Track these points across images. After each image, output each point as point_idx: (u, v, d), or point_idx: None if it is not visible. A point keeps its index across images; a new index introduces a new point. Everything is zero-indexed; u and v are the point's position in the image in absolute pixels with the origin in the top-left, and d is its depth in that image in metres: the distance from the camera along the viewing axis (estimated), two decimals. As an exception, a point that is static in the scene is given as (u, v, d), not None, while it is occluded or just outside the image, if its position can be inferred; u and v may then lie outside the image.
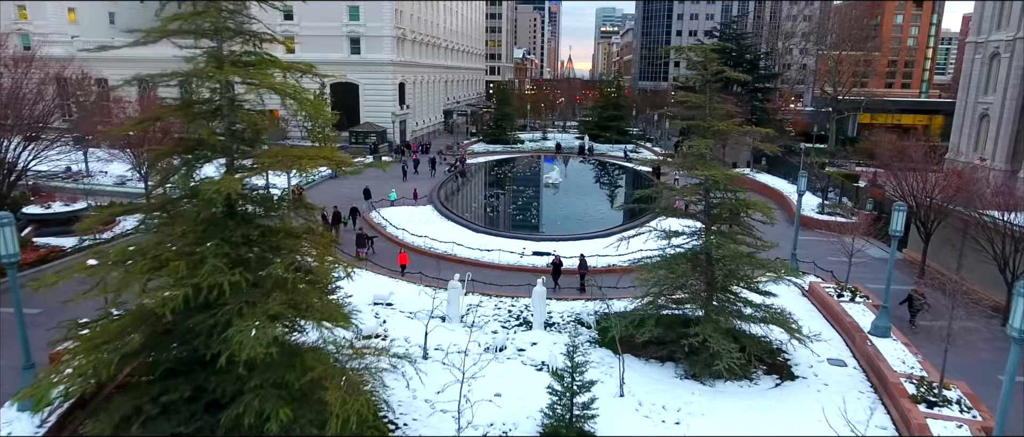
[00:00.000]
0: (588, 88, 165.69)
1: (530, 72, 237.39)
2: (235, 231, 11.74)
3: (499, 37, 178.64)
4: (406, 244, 35.11)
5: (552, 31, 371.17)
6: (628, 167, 70.66)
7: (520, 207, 50.15)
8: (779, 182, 55.97)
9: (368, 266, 30.53)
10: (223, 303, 10.80)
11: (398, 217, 40.49)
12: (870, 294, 27.04)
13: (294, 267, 11.61)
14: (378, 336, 22.00)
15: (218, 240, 11.29)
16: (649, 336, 20.04)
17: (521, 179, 64.87)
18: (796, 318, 20.89)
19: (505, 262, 32.32)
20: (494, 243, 35.00)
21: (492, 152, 79.95)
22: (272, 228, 12.86)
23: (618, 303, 25.47)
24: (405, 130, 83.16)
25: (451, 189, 55.09)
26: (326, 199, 45.02)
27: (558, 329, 23.64)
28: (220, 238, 11.39)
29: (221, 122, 12.53)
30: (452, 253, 33.42)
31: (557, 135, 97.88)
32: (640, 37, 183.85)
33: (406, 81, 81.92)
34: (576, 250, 34.30)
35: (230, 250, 11.32)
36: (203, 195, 10.75)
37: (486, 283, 28.21)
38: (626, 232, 39.73)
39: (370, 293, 25.76)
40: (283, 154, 12.30)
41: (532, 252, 33.96)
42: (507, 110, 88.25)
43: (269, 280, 11.65)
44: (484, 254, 32.85)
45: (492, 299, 26.86)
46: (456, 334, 21.71)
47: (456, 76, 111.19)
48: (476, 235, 37.40)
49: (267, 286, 11.59)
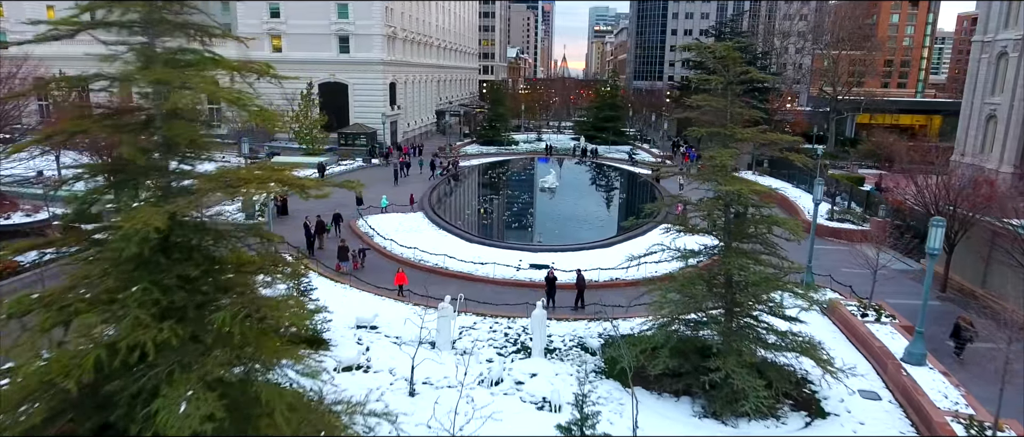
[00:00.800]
0: (583, 87, 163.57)
1: (524, 72, 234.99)
2: (170, 270, 9.46)
3: (492, 36, 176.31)
4: (395, 256, 32.83)
5: (545, 30, 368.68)
6: (627, 170, 68.49)
7: (515, 214, 47.92)
8: (783, 186, 53.93)
9: (353, 282, 28.25)
10: (151, 364, 8.54)
11: (387, 226, 38.18)
12: (896, 313, 24.97)
13: (245, 314, 9.32)
14: (359, 367, 19.71)
15: (147, 283, 9.01)
16: (664, 368, 17.88)
17: (516, 183, 62.69)
18: (824, 346, 18.76)
19: (500, 276, 30.08)
20: (488, 255, 32.77)
21: (486, 154, 77.67)
22: (221, 261, 10.56)
23: (625, 324, 23.31)
24: (396, 131, 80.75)
25: (443, 194, 52.81)
26: (312, 206, 42.77)
27: (560, 356, 21.44)
28: (150, 280, 9.11)
29: (153, 135, 10.18)
30: (443, 267, 31.16)
31: (553, 136, 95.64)
32: (635, 36, 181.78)
33: (397, 81, 79.52)
34: (576, 262, 32.10)
35: (161, 296, 9.05)
36: (119, 232, 8.45)
37: (480, 302, 25.96)
38: (631, 240, 37.80)
39: (353, 314, 23.50)
40: (223, 177, 9.98)
41: (529, 265, 31.73)
42: (501, 110, 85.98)
43: (212, 332, 9.36)
44: (477, 267, 30.60)
45: (487, 320, 24.63)
46: (447, 365, 19.47)
47: (449, 76, 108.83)
48: (469, 246, 35.13)
49: (208, 340, 9.32)
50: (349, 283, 28.00)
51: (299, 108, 66.57)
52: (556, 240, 38.17)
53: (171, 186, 10.19)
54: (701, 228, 19.52)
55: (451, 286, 28.92)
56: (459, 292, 27.32)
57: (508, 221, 45.68)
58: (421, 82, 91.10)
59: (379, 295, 26.80)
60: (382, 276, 29.95)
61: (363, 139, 71.40)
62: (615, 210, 50.33)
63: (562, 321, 24.74)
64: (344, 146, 70.74)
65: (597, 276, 30.10)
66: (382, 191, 47.28)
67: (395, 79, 78.80)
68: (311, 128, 66.99)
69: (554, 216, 45.78)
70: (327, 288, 27.07)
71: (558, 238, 38.84)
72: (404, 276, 27.89)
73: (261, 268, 11.41)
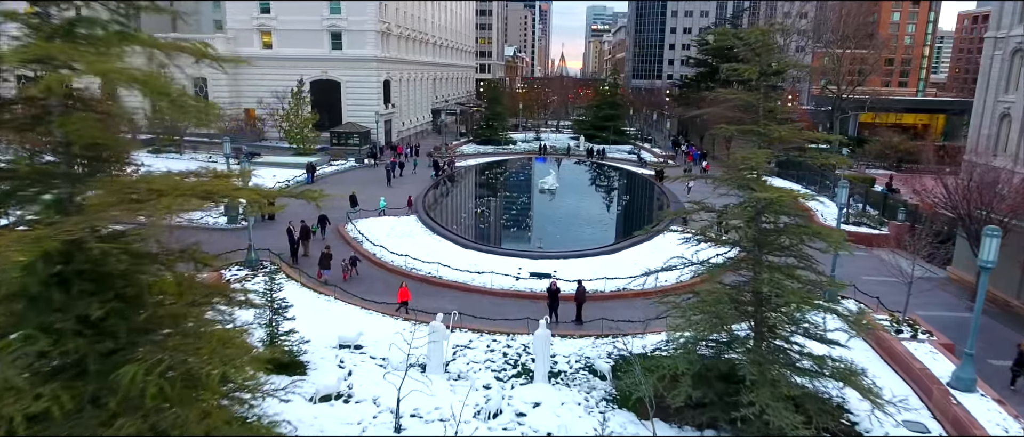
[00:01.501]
0: (581, 86, 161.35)
1: (521, 70, 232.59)
2: (68, 309, 7.18)
3: (489, 34, 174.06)
4: (386, 265, 30.51)
5: (543, 29, 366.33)
6: (628, 170, 66.21)
7: (514, 217, 45.60)
8: (794, 188, 51.64)
9: (338, 294, 25.92)
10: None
11: (377, 230, 35.88)
12: (932, 328, 22.78)
13: (166, 366, 7.04)
14: (340, 396, 17.41)
15: (31, 329, 6.73)
16: (686, 399, 15.62)
17: (514, 184, 60.44)
18: (867, 372, 16.52)
19: (498, 287, 27.80)
20: (485, 262, 30.51)
21: (483, 154, 75.40)
22: (137, 294, 8.22)
23: (637, 342, 21.08)
24: (391, 130, 78.42)
25: (438, 196, 50.52)
26: (297, 211, 40.44)
27: (565, 380, 19.16)
28: (37, 325, 6.83)
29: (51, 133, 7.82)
30: (437, 276, 28.86)
31: (552, 135, 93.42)
32: (633, 35, 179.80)
33: (392, 78, 77.17)
34: (580, 270, 29.87)
35: (50, 346, 6.77)
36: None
37: (476, 317, 23.64)
38: (639, 245, 35.54)
39: (335, 332, 21.18)
40: (129, 189, 7.60)
41: (529, 274, 29.48)
42: (498, 109, 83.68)
43: (115, 394, 7.07)
44: (474, 277, 28.32)
45: (484, 337, 22.35)
46: (439, 394, 17.21)
47: (445, 74, 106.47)
48: (465, 252, 32.85)
49: (112, 405, 7.04)
50: (334, 295, 25.69)
51: (289, 106, 64.16)
52: (557, 245, 35.89)
53: (68, 200, 7.82)
54: (727, 239, 17.28)
55: (445, 298, 26.67)
56: (453, 305, 25.07)
57: (506, 225, 43.40)
58: (416, 80, 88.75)
59: (366, 309, 24.47)
60: (372, 287, 27.66)
61: (356, 138, 69.03)
62: (619, 213, 48.05)
63: (566, 338, 22.48)
64: (336, 146, 68.39)
65: (603, 286, 27.84)
66: (375, 193, 45.01)
67: (389, 77, 76.46)
68: (302, 127, 64.58)
69: (555, 219, 43.53)
70: (308, 302, 24.76)
71: (560, 243, 36.56)
72: (408, 291, 25.03)
73: (203, 303, 9.09)
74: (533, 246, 35.76)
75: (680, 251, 31.07)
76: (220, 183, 8.09)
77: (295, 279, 27.43)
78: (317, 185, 51.34)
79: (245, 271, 28.13)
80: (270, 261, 29.49)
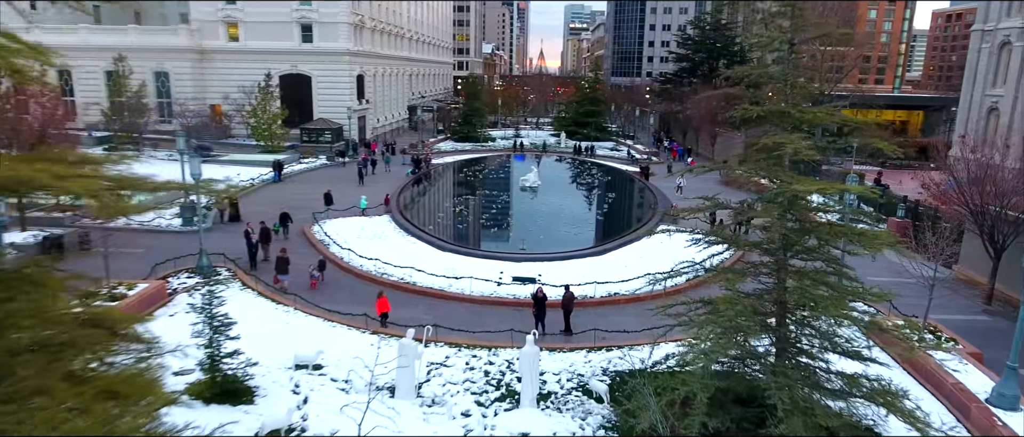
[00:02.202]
0: (560, 84, 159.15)
1: (499, 68, 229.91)
2: None
3: (467, 31, 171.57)
4: (354, 270, 27.78)
5: (521, 27, 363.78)
6: (611, 167, 64.03)
7: (494, 217, 43.03)
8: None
9: (298, 305, 23.14)
10: None
11: (346, 232, 33.11)
12: (956, 336, 20.73)
13: None
14: (291, 431, 14.71)
15: None
16: (701, 428, 13.24)
17: (494, 182, 57.86)
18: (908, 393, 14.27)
19: (478, 293, 25.23)
20: (464, 266, 27.95)
21: (461, 151, 72.76)
22: None
23: (635, 355, 18.72)
24: (365, 127, 75.38)
25: (414, 195, 47.82)
26: (262, 210, 37.55)
27: (557, 404, 16.69)
28: None
29: None
30: (409, 281, 26.21)
31: (532, 132, 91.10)
32: (612, 32, 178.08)
33: (365, 73, 74.16)
34: (567, 273, 27.47)
35: None
36: None
37: (453, 329, 21.04)
38: (628, 246, 33.25)
39: (292, 350, 18.45)
40: None
41: (512, 278, 26.97)
42: (477, 105, 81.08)
43: None
44: (451, 283, 25.71)
45: (462, 353, 19.80)
46: (409, 425, 14.62)
47: (422, 70, 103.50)
48: (442, 255, 30.25)
49: None
50: (294, 306, 22.92)
51: (256, 101, 60.91)
52: (541, 247, 33.42)
53: None
54: (749, 243, 14.97)
55: (419, 306, 24.06)
56: (428, 314, 22.50)
57: (486, 225, 40.78)
58: (392, 75, 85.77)
59: (330, 321, 21.75)
60: (336, 295, 24.92)
61: (328, 135, 66.01)
62: (605, 212, 45.59)
63: (556, 352, 20.02)
64: (307, 143, 65.27)
65: (592, 291, 25.43)
66: (349, 191, 42.32)
67: (363, 71, 73.46)
68: (270, 123, 61.36)
69: (537, 219, 41.05)
70: (265, 313, 22.01)
71: (543, 244, 34.10)
72: (387, 302, 22.00)
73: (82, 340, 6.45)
74: (515, 247, 33.23)
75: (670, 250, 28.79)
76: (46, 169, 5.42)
77: (252, 287, 24.62)
78: (286, 184, 48.34)
79: (196, 279, 25.33)
80: (226, 267, 26.67)
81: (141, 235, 31.90)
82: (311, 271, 25.65)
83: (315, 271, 25.91)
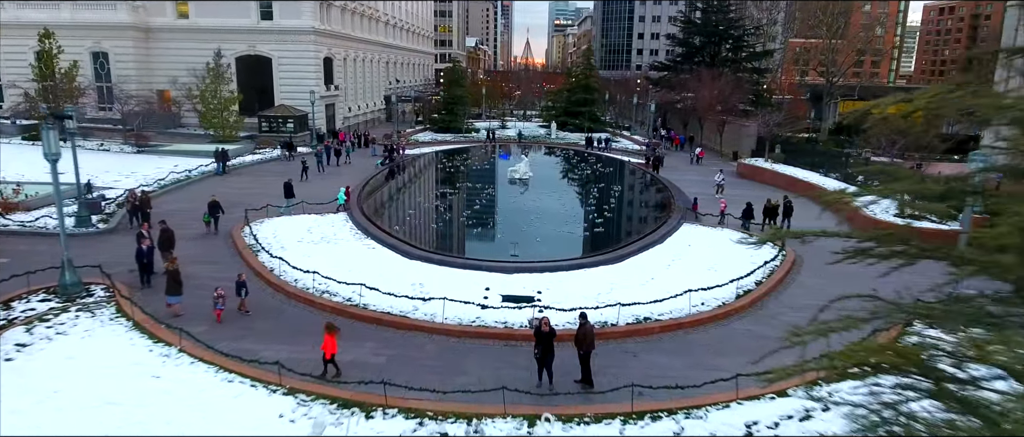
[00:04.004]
0: (546, 79, 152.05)
1: (484, 63, 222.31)
2: None
3: (450, 22, 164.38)
4: (283, 287, 20.35)
5: (505, 24, 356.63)
6: (614, 159, 56.96)
7: (477, 214, 35.64)
8: (812, 176, 43.16)
9: (189, 345, 15.66)
10: None
11: (287, 234, 25.72)
12: None
13: None
14: None
15: None
16: None
17: (477, 173, 50.33)
18: None
19: (454, 320, 17.95)
20: (437, 279, 20.75)
21: (441, 142, 65.38)
22: None
23: (698, 427, 11.65)
24: (335, 116, 67.78)
25: (380, 189, 40.41)
26: (188, 207, 30.05)
27: None
28: None
29: None
30: (357, 303, 18.84)
31: (518, 124, 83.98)
32: (600, 24, 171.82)
33: (334, 56, 66.48)
34: (573, 288, 20.34)
35: None
36: None
37: (410, 388, 13.63)
38: (651, 249, 26.20)
39: (165, 421, 11.07)
40: None
41: (501, 297, 19.76)
42: (459, 92, 73.66)
43: None
44: (417, 305, 18.40)
45: (426, 427, 12.53)
46: None
47: (400, 58, 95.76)
48: (409, 264, 22.96)
49: None
50: (180, 344, 15.48)
51: (204, 84, 53.11)
52: (538, 252, 26.19)
53: None
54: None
55: (369, 340, 16.83)
56: (379, 354, 15.29)
57: (467, 224, 33.36)
58: (366, 61, 78.14)
59: (226, 373, 14.31)
60: (250, 325, 17.54)
61: (292, 124, 58.39)
62: (612, 207, 37.85)
63: (574, 422, 12.82)
64: (268, 132, 57.64)
65: (614, 316, 18.24)
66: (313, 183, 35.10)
67: (331, 54, 65.80)
68: (221, 109, 53.58)
69: (531, 217, 33.60)
70: (126, 362, 14.55)
71: (540, 249, 26.87)
72: (334, 341, 14.57)
73: None
74: (505, 254, 25.85)
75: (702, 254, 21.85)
76: None
77: (129, 316, 17.13)
78: (230, 178, 40.74)
79: (53, 302, 17.84)
80: (104, 284, 19.19)
81: (21, 239, 24.46)
82: (216, 296, 17.90)
83: (221, 300, 17.77)
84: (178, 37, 59.62)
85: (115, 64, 59.11)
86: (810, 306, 7.54)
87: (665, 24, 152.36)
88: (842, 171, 43.73)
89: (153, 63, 60.68)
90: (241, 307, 18.23)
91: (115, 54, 59.14)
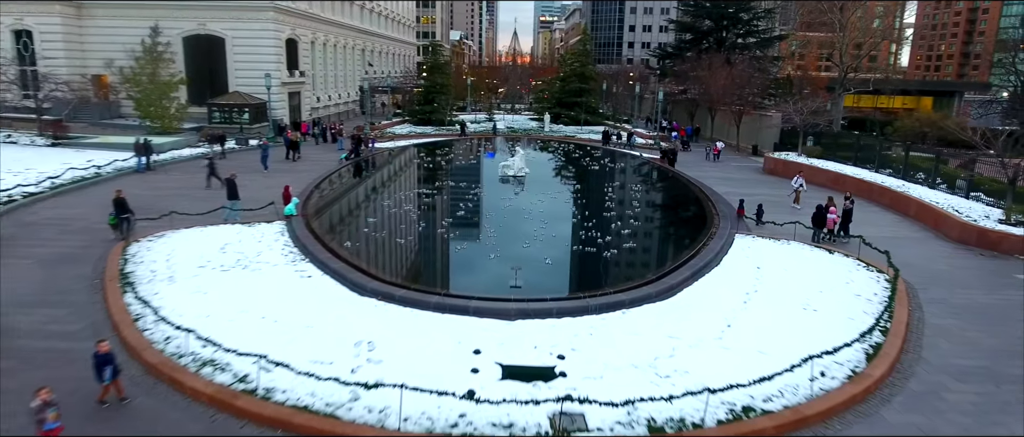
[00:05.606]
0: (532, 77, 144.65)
1: (468, 58, 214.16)
2: None
3: (433, 13, 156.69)
4: (140, 354, 12.59)
5: (490, 21, 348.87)
6: (619, 152, 49.54)
7: (460, 224, 27.61)
8: (863, 173, 36.04)
9: None
10: None
11: (186, 253, 17.92)
12: None
13: None
14: None
15: None
16: None
17: (461, 170, 42.20)
18: None
19: (423, 424, 10.27)
20: (395, 333, 13.11)
21: (421, 135, 57.55)
22: None
23: None
24: (301, 105, 59.72)
25: (337, 191, 32.59)
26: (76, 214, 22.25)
27: None
28: None
29: None
30: (255, 389, 11.08)
31: (508, 117, 76.56)
32: (590, 16, 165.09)
33: (300, 38, 58.40)
34: (613, 346, 12.81)
35: None
36: None
37: None
38: (702, 277, 18.23)
39: None
40: None
41: (500, 368, 12.13)
42: (441, 80, 65.87)
43: None
44: (358, 394, 10.69)
45: None
46: None
47: (378, 46, 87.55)
48: (357, 304, 15.23)
49: None
50: None
51: (138, 66, 44.96)
52: (546, 282, 18.51)
53: None
54: None
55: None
56: None
57: (447, 236, 25.08)
58: (338, 46, 70.15)
59: None
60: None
61: (248, 114, 50.43)
62: (635, 212, 29.55)
63: None
64: (221, 123, 49.65)
65: (697, 409, 10.63)
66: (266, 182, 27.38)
67: (296, 35, 57.76)
68: (160, 96, 45.44)
69: (531, 226, 25.59)
70: None
71: (550, 276, 19.21)
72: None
73: None
74: (500, 284, 18.09)
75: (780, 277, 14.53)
76: None
77: None
78: (153, 175, 32.75)
79: None
80: None
81: None
82: (38, 405, 9.22)
83: (49, 416, 9.12)
84: (115, 14, 51.33)
85: (41, 45, 50.67)
86: (973, 370, 1.00)
87: (657, 16, 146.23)
88: (892, 166, 36.75)
89: (87, 44, 52.41)
90: (116, 392, 10.57)
91: (40, 33, 50.74)
